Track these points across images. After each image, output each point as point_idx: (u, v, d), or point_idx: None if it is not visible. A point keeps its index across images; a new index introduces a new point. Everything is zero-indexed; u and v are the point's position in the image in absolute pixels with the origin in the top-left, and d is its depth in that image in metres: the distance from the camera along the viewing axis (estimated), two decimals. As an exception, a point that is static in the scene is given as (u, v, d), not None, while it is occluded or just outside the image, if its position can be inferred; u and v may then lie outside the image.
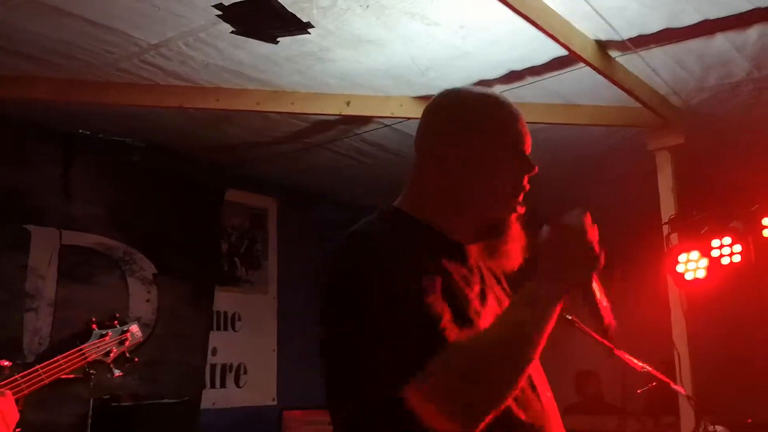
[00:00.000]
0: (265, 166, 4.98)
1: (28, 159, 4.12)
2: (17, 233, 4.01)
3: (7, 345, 3.86)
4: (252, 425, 4.98)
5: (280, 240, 5.52)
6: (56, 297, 4.16)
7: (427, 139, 1.44)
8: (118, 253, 4.51)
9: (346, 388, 1.22)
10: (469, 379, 1.10)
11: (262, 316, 5.34)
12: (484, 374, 1.11)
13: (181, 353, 4.74)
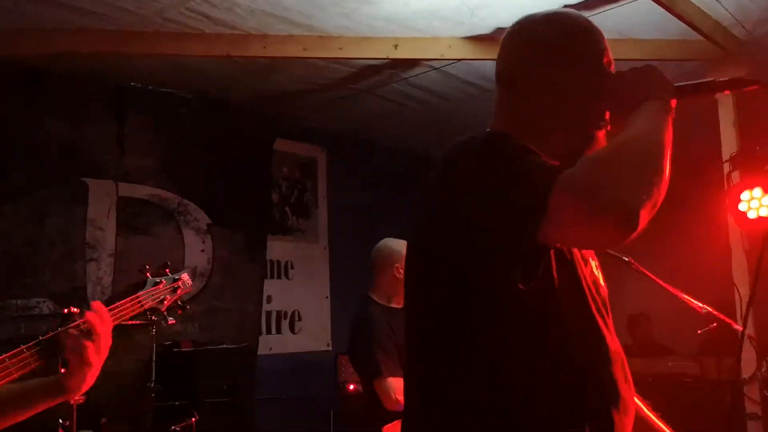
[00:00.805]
0: (312, 114, 4.97)
1: (84, 113, 4.19)
2: (76, 186, 4.11)
3: (73, 294, 4.01)
4: (308, 369, 5.09)
5: (330, 188, 5.54)
6: (116, 247, 4.28)
7: (508, 65, 1.38)
8: (173, 205, 4.59)
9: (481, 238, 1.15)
10: (615, 166, 1.08)
11: (314, 264, 5.40)
12: (627, 162, 1.09)
13: (238, 301, 4.85)
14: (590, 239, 1.16)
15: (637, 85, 1.27)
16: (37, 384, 1.45)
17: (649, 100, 1.23)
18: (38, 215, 3.93)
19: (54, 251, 3.98)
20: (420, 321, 1.30)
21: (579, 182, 1.06)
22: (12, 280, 3.81)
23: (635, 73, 1.28)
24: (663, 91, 1.26)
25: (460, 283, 1.20)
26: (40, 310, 3.89)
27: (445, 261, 1.21)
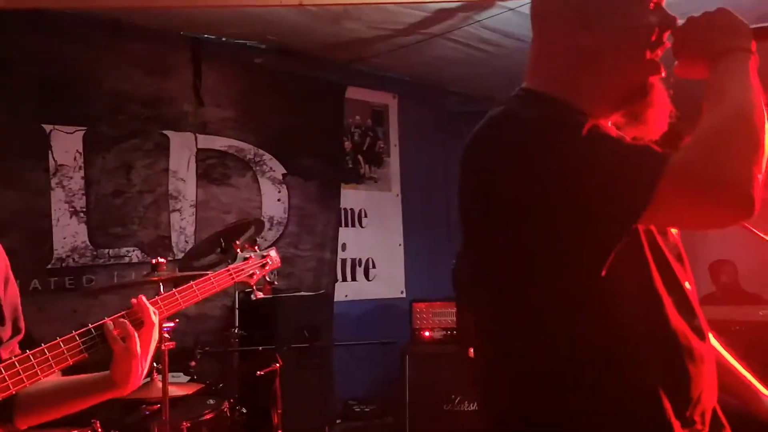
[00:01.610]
0: (383, 61, 4.91)
1: (164, 67, 4.27)
2: (158, 139, 4.23)
3: (159, 243, 4.17)
4: (383, 316, 5.19)
5: (402, 136, 5.52)
6: (196, 198, 4.40)
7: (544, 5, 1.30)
8: (249, 155, 4.67)
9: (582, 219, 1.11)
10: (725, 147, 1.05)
11: (387, 212, 5.43)
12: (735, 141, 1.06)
13: (314, 249, 4.95)
14: (705, 223, 1.13)
15: (712, 33, 1.19)
16: (91, 379, 1.47)
17: (731, 53, 1.16)
18: (125, 167, 4.07)
19: (140, 202, 4.13)
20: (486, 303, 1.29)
21: (693, 170, 1.04)
22: (104, 229, 3.98)
23: (709, 18, 1.20)
24: (743, 38, 1.17)
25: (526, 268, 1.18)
26: (130, 259, 4.07)
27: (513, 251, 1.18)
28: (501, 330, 1.26)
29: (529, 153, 1.13)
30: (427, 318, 4.93)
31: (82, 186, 3.92)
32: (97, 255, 3.96)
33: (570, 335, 1.16)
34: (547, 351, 1.17)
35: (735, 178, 1.02)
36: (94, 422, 2.58)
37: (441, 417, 4.51)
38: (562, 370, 1.16)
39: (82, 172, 3.93)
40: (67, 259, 3.85)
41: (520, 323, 1.21)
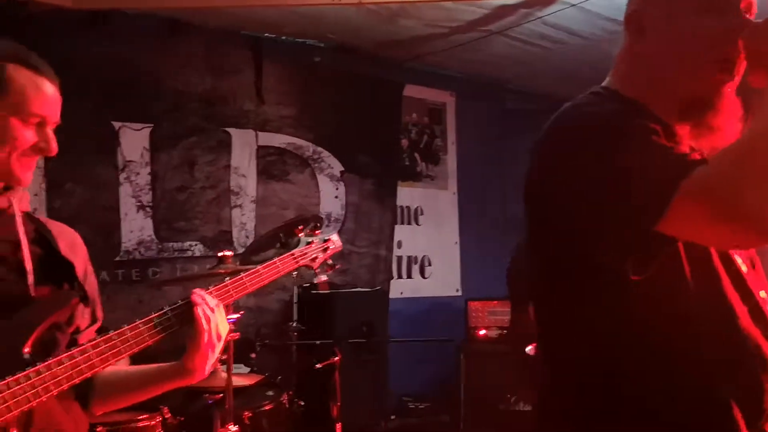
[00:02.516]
0: (441, 58, 4.91)
1: (225, 66, 4.37)
2: (221, 136, 4.33)
3: (221, 238, 4.27)
4: (438, 314, 5.19)
5: (459, 134, 5.51)
6: (257, 194, 4.49)
7: (639, 5, 1.29)
8: (308, 152, 4.74)
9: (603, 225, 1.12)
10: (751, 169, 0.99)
11: (443, 210, 5.44)
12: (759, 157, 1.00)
13: (370, 246, 4.99)
14: (720, 242, 1.10)
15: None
16: (164, 367, 1.52)
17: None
18: (188, 163, 4.19)
19: (203, 197, 4.24)
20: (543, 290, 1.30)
21: (708, 186, 1.00)
22: (168, 224, 4.11)
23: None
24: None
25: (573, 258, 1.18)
26: (192, 253, 4.18)
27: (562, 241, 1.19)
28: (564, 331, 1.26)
29: (573, 148, 1.15)
30: (482, 317, 4.92)
31: (148, 181, 4.05)
32: (162, 248, 4.08)
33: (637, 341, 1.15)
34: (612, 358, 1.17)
35: (748, 201, 0.97)
36: (163, 408, 2.67)
37: (496, 416, 4.49)
38: (628, 379, 1.16)
39: (148, 168, 4.06)
40: (134, 251, 3.98)
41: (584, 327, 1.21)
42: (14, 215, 1.42)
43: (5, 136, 1.35)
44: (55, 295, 1.41)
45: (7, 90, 1.35)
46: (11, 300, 1.33)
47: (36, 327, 1.32)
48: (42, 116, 1.38)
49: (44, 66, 1.41)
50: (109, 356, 1.36)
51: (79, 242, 1.57)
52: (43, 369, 1.28)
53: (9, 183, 1.41)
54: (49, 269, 1.43)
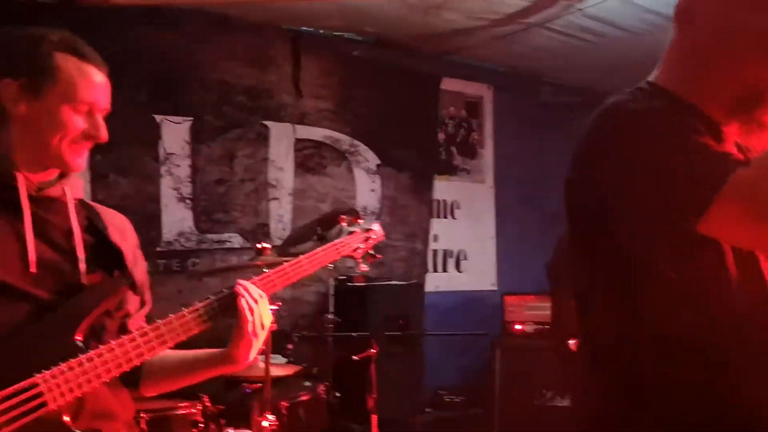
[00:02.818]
0: (480, 51, 4.88)
1: (265, 59, 4.41)
2: (259, 129, 4.38)
3: (259, 231, 4.32)
4: (473, 308, 5.17)
5: (497, 128, 5.47)
6: (294, 187, 4.53)
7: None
8: (345, 145, 4.76)
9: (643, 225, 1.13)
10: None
11: (480, 204, 5.41)
12: None
13: (405, 239, 4.99)
14: (758, 243, 1.09)
15: None
16: (210, 353, 1.56)
17: None
18: (228, 156, 4.24)
19: (242, 190, 4.30)
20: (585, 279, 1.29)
21: (750, 187, 1.00)
22: (208, 215, 4.17)
23: None
24: None
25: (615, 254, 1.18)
26: (231, 244, 4.24)
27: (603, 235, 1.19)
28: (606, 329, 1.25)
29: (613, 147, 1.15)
30: (519, 311, 4.89)
31: (188, 174, 4.12)
32: (201, 240, 4.15)
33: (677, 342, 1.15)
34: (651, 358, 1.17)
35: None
36: (203, 396, 2.72)
37: (531, 411, 4.47)
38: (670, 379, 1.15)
39: (189, 160, 4.12)
40: (174, 242, 4.05)
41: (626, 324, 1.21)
42: (68, 203, 1.45)
43: (56, 123, 1.38)
44: (106, 282, 1.45)
45: (56, 78, 1.38)
46: (64, 287, 1.37)
47: (87, 314, 1.36)
48: (91, 103, 1.41)
49: (92, 53, 1.44)
50: (156, 345, 1.39)
51: (129, 228, 1.61)
52: (94, 356, 1.32)
53: (61, 169, 1.45)
54: (100, 256, 1.46)
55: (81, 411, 1.32)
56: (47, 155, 1.41)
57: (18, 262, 1.34)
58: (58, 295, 1.36)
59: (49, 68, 1.38)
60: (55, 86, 1.38)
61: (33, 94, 1.38)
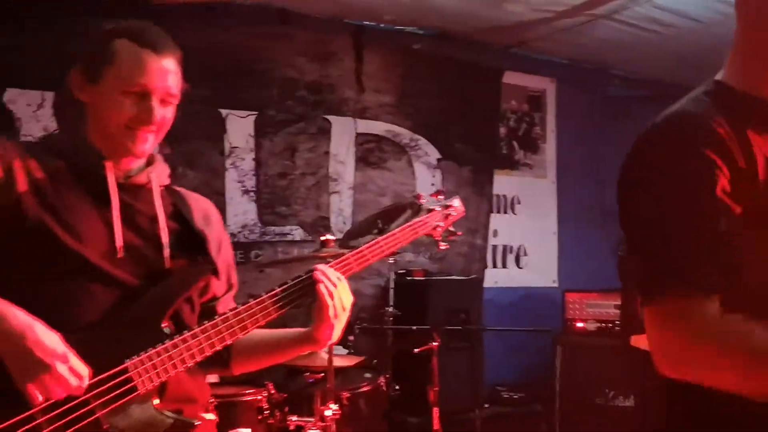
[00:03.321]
0: (543, 44, 4.81)
1: (328, 54, 4.45)
2: (321, 123, 4.42)
3: (319, 223, 4.37)
4: (533, 304, 5.12)
5: (559, 122, 5.39)
6: (354, 180, 4.56)
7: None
8: (405, 139, 4.77)
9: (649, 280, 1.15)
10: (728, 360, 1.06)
11: (541, 200, 5.34)
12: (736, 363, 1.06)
13: (465, 234, 4.96)
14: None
15: None
16: (294, 333, 1.59)
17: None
18: (290, 150, 4.30)
19: (303, 183, 4.35)
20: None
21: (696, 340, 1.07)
22: (271, 208, 4.24)
23: None
24: None
25: None
26: (293, 237, 4.30)
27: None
28: None
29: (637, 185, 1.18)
30: (580, 309, 4.80)
31: (252, 167, 4.20)
32: (264, 232, 4.22)
33: None
34: None
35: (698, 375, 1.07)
36: (268, 384, 2.78)
37: (592, 410, 4.39)
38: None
39: (253, 154, 4.20)
40: (238, 234, 4.13)
41: None
42: (152, 190, 1.49)
43: (113, 110, 1.40)
44: (190, 268, 1.48)
45: (112, 62, 1.40)
46: (149, 272, 1.42)
47: (172, 302, 1.41)
48: (143, 85, 1.39)
49: (155, 40, 1.43)
50: (237, 330, 1.43)
51: (214, 214, 1.64)
52: (179, 342, 1.37)
53: (127, 155, 1.46)
54: (184, 242, 1.50)
55: (164, 395, 1.37)
56: (111, 141, 1.43)
57: (106, 248, 1.38)
58: (143, 280, 1.40)
59: (107, 53, 1.40)
60: (110, 70, 1.40)
61: (92, 79, 1.42)
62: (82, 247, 1.34)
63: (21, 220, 1.32)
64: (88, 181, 1.41)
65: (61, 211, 1.35)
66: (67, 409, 1.25)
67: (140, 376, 1.32)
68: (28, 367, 1.20)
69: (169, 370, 1.34)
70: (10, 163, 1.35)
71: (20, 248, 1.32)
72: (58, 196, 1.37)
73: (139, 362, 1.32)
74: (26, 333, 1.21)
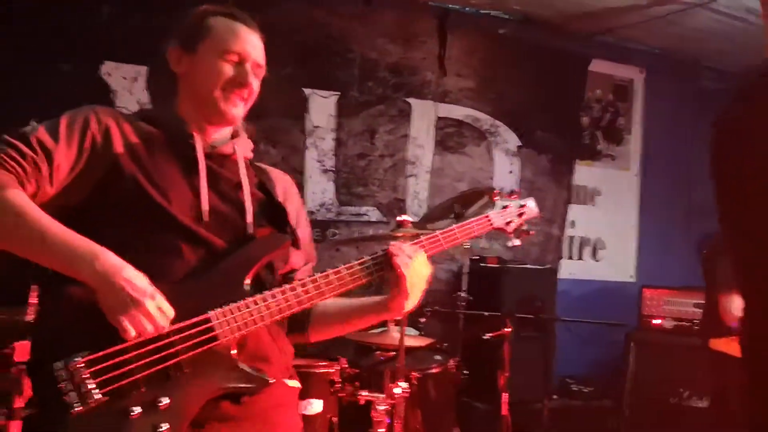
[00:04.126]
0: (633, 32, 4.68)
1: (411, 36, 4.46)
2: (401, 106, 4.45)
3: (395, 205, 4.41)
4: (608, 298, 5.01)
5: (646, 113, 5.23)
6: (432, 165, 4.57)
7: None
8: (485, 125, 4.74)
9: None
10: None
11: (622, 192, 5.21)
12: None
13: (541, 224, 4.90)
14: None
15: None
16: (370, 301, 1.65)
17: None
18: (370, 131, 4.35)
19: (381, 165, 4.40)
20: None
21: None
22: (348, 188, 4.30)
23: None
24: None
25: None
26: (368, 218, 4.35)
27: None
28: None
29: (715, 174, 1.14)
30: (658, 305, 4.68)
31: (332, 147, 4.26)
32: (340, 211, 4.29)
33: None
34: None
35: None
36: (341, 359, 2.84)
37: (665, 409, 4.28)
38: None
39: (333, 134, 4.26)
40: (316, 213, 4.22)
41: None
42: (237, 160, 1.58)
43: (210, 74, 1.52)
44: (272, 235, 1.56)
45: (208, 34, 1.54)
46: (233, 236, 1.50)
47: (255, 262, 1.48)
48: (239, 53, 1.53)
49: (244, 16, 1.57)
50: (315, 296, 1.49)
51: (293, 189, 1.73)
52: (259, 300, 1.44)
53: (220, 121, 1.55)
54: (266, 212, 1.58)
55: (242, 351, 1.44)
56: (206, 106, 1.53)
57: (194, 212, 1.47)
58: (228, 243, 1.48)
59: (203, 28, 1.55)
60: (207, 42, 1.54)
61: (190, 51, 1.55)
62: (172, 207, 1.43)
63: (117, 179, 1.42)
64: (177, 149, 1.52)
65: (153, 173, 1.45)
66: (154, 349, 1.34)
67: (221, 327, 1.39)
68: (120, 302, 1.29)
69: (249, 325, 1.42)
70: (108, 126, 1.46)
71: (115, 205, 1.42)
72: (151, 160, 1.47)
73: (221, 314, 1.40)
74: (119, 272, 1.30)
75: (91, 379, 1.29)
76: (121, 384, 1.31)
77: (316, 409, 2.73)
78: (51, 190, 1.40)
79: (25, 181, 1.36)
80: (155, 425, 1.32)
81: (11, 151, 1.36)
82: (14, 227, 1.32)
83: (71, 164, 1.41)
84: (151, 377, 1.33)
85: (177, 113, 1.56)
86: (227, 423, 1.42)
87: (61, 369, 1.29)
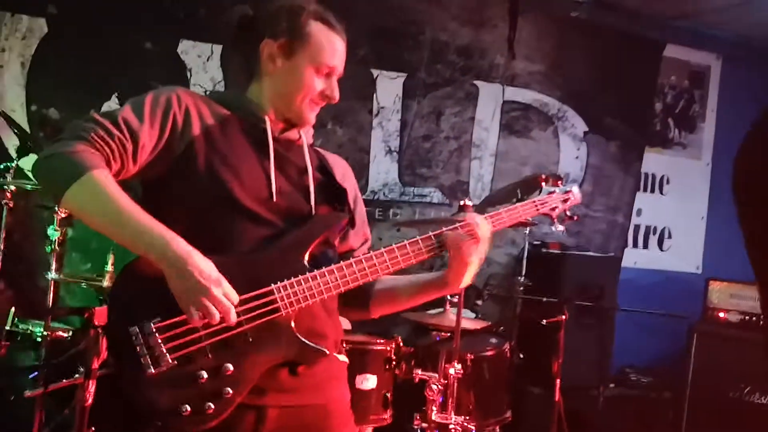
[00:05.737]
0: (711, 17, 4.52)
1: (482, 18, 4.44)
2: (468, 88, 4.45)
3: (458, 188, 4.44)
4: (673, 289, 4.92)
5: (721, 101, 5.07)
6: (497, 148, 4.57)
7: None
8: (553, 110, 4.69)
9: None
10: None
11: (692, 182, 5.09)
12: None
13: (606, 211, 4.85)
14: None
15: None
16: (429, 277, 1.72)
17: None
18: (436, 113, 4.38)
19: (446, 147, 4.42)
20: None
21: None
22: (412, 169, 4.36)
23: None
24: None
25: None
26: (431, 199, 4.40)
27: None
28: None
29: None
30: (723, 298, 4.57)
31: (397, 128, 4.32)
32: (403, 192, 4.35)
33: None
34: None
35: None
36: (397, 337, 2.93)
37: (725, 404, 4.21)
38: None
39: (399, 115, 4.31)
40: (378, 192, 4.29)
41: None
42: (302, 146, 1.67)
43: (300, 82, 1.61)
44: (332, 214, 1.66)
45: (308, 41, 1.61)
46: (297, 215, 1.59)
47: (315, 239, 1.57)
48: (331, 67, 1.62)
49: (338, 24, 1.64)
50: (370, 273, 1.57)
51: (350, 173, 1.83)
52: (318, 275, 1.52)
53: (297, 123, 1.67)
54: (327, 193, 1.68)
55: (300, 324, 1.52)
56: (288, 109, 1.63)
57: (263, 191, 1.56)
58: (291, 222, 1.57)
59: (304, 33, 1.60)
60: (305, 49, 1.60)
61: (287, 53, 1.61)
62: (242, 188, 1.52)
63: (192, 161, 1.52)
64: (250, 132, 1.61)
65: (227, 155, 1.54)
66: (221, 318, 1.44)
67: (282, 300, 1.48)
68: (188, 288, 1.39)
69: (309, 299, 1.50)
70: (188, 107, 1.56)
71: (188, 185, 1.52)
72: (226, 142, 1.56)
73: (283, 287, 1.49)
74: (188, 259, 1.39)
75: (164, 344, 1.40)
76: (190, 350, 1.42)
77: (371, 385, 2.82)
78: (134, 168, 1.51)
79: (111, 160, 1.47)
80: (220, 390, 1.42)
81: (100, 130, 1.46)
82: (95, 207, 1.42)
83: (154, 143, 1.52)
84: (217, 345, 1.44)
85: (252, 99, 1.65)
86: (284, 393, 1.52)
87: (137, 333, 1.40)
